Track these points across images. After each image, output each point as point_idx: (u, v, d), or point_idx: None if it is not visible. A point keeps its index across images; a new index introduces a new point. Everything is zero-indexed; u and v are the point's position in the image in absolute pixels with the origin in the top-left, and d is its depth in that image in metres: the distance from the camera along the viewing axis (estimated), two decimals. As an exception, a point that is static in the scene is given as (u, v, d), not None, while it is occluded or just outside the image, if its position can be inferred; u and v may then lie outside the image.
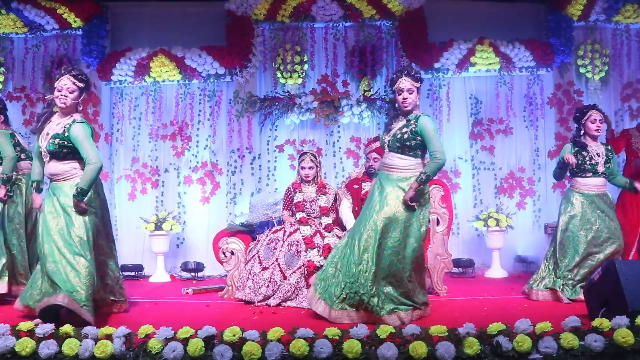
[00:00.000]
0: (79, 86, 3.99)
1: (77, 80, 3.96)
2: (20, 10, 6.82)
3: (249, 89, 6.96)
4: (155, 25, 7.21)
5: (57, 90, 3.95)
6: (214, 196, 7.04)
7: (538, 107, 7.13)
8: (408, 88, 3.99)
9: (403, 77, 4.01)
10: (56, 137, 3.91)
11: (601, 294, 3.71)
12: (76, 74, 3.97)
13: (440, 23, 7.00)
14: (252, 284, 4.78)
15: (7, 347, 2.96)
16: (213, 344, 2.93)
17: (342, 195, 5.30)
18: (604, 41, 7.19)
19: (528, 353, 2.88)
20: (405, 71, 4.04)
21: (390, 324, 3.30)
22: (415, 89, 4.01)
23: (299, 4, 6.84)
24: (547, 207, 6.96)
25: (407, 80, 4.00)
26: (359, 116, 6.86)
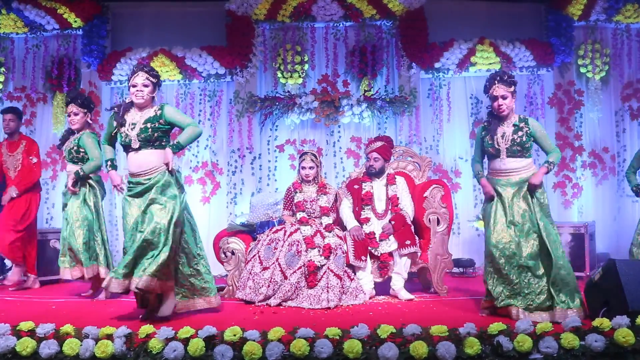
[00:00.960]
0: (152, 81, 4.13)
1: (150, 75, 4.11)
2: (21, 10, 6.84)
3: (249, 88, 6.97)
4: (156, 25, 7.22)
5: (132, 86, 4.10)
6: (215, 196, 7.05)
7: (538, 106, 7.13)
8: (502, 95, 4.05)
9: (496, 84, 4.07)
10: (148, 121, 4.03)
11: (601, 294, 3.71)
12: (149, 70, 4.13)
13: (440, 23, 7.02)
14: (252, 283, 4.78)
15: (8, 347, 2.96)
16: (214, 343, 2.93)
17: (342, 195, 5.29)
18: (605, 41, 7.19)
19: (529, 353, 2.88)
20: (498, 77, 4.08)
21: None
22: (509, 94, 4.06)
23: (300, 3, 6.85)
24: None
25: (500, 87, 4.05)
26: (359, 116, 6.86)
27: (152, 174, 4.04)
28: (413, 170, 5.67)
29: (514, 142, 4.05)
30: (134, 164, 4.07)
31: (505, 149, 4.07)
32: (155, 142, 4.06)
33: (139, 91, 4.07)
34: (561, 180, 6.98)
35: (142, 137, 4.01)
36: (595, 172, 7.12)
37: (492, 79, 4.11)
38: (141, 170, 4.04)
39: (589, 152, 7.11)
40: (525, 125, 4.08)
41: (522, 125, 4.08)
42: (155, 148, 4.07)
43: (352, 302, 4.69)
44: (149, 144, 4.04)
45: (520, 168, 4.08)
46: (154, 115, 4.05)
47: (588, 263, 5.90)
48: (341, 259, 4.79)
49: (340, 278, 4.70)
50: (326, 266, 4.72)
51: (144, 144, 4.04)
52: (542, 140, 4.13)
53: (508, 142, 4.06)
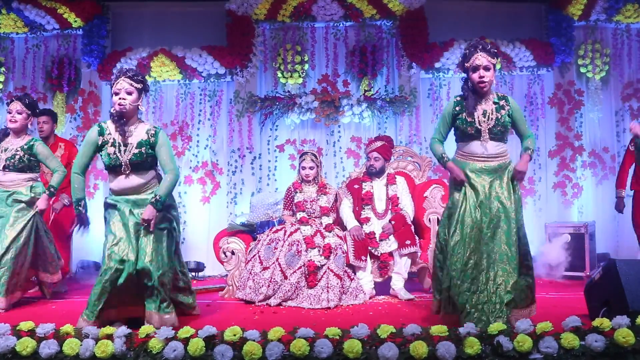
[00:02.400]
0: (137, 87, 3.83)
1: (133, 81, 3.81)
2: (21, 10, 6.83)
3: (249, 88, 6.97)
4: (156, 25, 7.22)
5: (114, 94, 3.80)
6: (215, 196, 7.05)
7: (539, 106, 7.14)
8: (485, 65, 3.60)
9: (478, 52, 3.60)
10: (141, 145, 3.78)
11: (602, 294, 3.71)
12: (132, 75, 3.82)
13: (440, 23, 7.01)
14: (252, 283, 4.78)
15: (8, 347, 2.96)
16: (214, 343, 2.93)
17: (342, 195, 5.29)
18: (605, 41, 7.19)
19: (529, 353, 2.88)
20: (480, 46, 3.62)
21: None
22: (492, 66, 3.61)
23: (300, 3, 6.85)
24: (548, 207, 6.97)
25: (483, 56, 3.59)
26: (359, 116, 6.86)
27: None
28: (413, 170, 5.67)
29: (498, 121, 3.63)
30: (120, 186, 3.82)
31: (487, 129, 3.64)
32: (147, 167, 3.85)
33: (122, 99, 3.77)
34: (561, 180, 6.98)
35: (135, 162, 3.77)
36: (596, 172, 7.12)
37: (474, 47, 3.63)
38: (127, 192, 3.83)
39: (589, 152, 7.11)
40: (506, 103, 3.69)
41: (503, 103, 3.69)
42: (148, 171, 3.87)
43: (352, 302, 4.70)
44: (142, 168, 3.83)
45: (501, 153, 3.69)
46: (146, 140, 3.80)
47: (588, 263, 5.90)
48: (341, 259, 4.79)
49: (340, 278, 4.70)
50: (326, 266, 4.73)
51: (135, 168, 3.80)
52: (521, 122, 3.75)
53: (491, 121, 3.64)
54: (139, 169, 3.80)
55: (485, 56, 3.59)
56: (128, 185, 3.80)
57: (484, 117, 3.64)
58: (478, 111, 3.65)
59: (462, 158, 3.75)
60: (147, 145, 3.79)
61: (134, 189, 3.81)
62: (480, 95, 3.68)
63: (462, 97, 3.76)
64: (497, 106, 3.68)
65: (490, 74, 3.61)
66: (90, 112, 6.93)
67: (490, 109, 3.66)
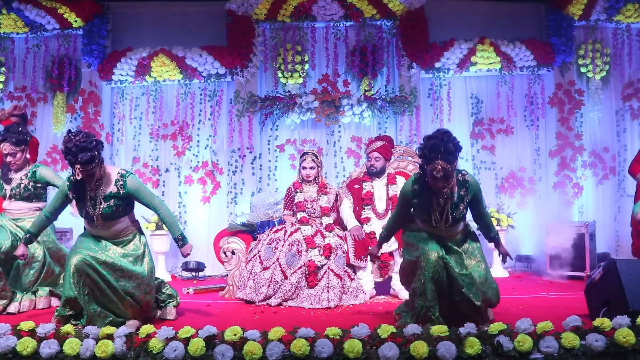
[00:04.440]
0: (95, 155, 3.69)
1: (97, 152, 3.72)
2: (21, 10, 6.83)
3: (249, 88, 6.97)
4: (156, 25, 7.21)
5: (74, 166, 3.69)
6: (215, 196, 7.04)
7: (539, 106, 7.14)
8: (444, 174, 3.40)
9: (439, 160, 3.37)
10: (110, 197, 3.80)
11: (602, 294, 3.71)
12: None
13: (441, 23, 7.01)
14: (253, 283, 4.78)
15: (9, 347, 2.96)
16: (214, 343, 2.93)
17: (343, 195, 5.29)
18: (605, 41, 7.19)
19: (529, 353, 2.88)
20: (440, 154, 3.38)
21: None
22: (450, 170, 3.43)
23: (300, 3, 6.85)
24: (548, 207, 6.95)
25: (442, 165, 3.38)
26: (359, 116, 6.86)
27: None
28: (414, 170, 5.66)
29: (456, 220, 3.60)
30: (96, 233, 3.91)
31: (444, 227, 3.59)
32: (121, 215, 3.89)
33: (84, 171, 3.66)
34: (561, 180, 6.97)
35: (107, 214, 3.82)
36: (596, 172, 7.12)
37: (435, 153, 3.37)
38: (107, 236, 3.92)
39: (589, 152, 7.11)
40: (466, 193, 3.60)
41: (463, 194, 3.59)
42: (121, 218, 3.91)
43: (352, 302, 4.70)
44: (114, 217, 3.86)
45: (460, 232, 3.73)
46: (116, 191, 3.80)
47: (588, 263, 5.89)
48: (341, 259, 4.79)
49: (340, 278, 4.71)
50: (326, 266, 4.73)
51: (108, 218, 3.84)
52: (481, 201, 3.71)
53: (449, 222, 3.57)
54: (112, 219, 3.85)
55: (445, 165, 3.38)
56: (103, 234, 3.90)
57: (440, 217, 3.57)
58: (435, 207, 3.57)
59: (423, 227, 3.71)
60: (117, 196, 3.82)
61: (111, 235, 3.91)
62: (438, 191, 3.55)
63: (418, 184, 3.63)
64: (457, 200, 3.58)
65: (450, 181, 3.47)
66: (90, 112, 6.92)
67: (449, 205, 3.56)
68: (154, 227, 6.46)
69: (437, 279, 3.47)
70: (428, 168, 3.45)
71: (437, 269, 3.47)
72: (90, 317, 3.66)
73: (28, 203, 4.75)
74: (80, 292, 3.65)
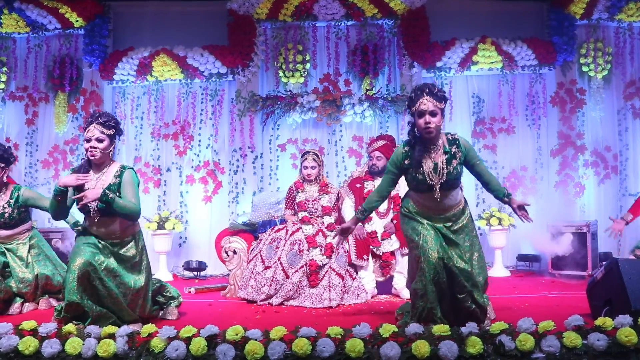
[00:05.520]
0: (109, 134, 3.78)
1: (105, 127, 3.76)
2: (23, 10, 6.84)
3: (251, 88, 6.97)
4: (157, 24, 7.21)
5: (85, 140, 3.77)
6: (216, 195, 7.05)
7: (540, 105, 7.13)
8: (431, 110, 3.39)
9: (424, 96, 3.39)
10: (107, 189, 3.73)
11: (604, 293, 3.71)
12: (104, 122, 3.76)
13: (442, 22, 7.01)
14: (254, 283, 4.78)
15: (11, 346, 2.96)
16: (216, 343, 2.92)
17: (344, 194, 5.29)
18: (607, 39, 7.18)
19: (531, 352, 2.87)
20: (427, 89, 3.41)
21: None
22: (439, 111, 3.41)
23: (301, 3, 6.85)
24: (550, 206, 6.94)
25: (428, 101, 3.38)
26: (361, 115, 6.86)
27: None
28: (415, 169, 5.65)
29: (450, 175, 3.46)
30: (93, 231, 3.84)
31: (439, 184, 3.47)
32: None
33: (93, 147, 3.73)
34: (563, 179, 6.96)
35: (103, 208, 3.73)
36: (598, 171, 7.11)
37: (420, 90, 3.42)
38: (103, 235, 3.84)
39: (591, 151, 7.10)
40: (457, 149, 3.51)
41: (455, 150, 3.50)
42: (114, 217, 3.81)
43: (354, 301, 4.70)
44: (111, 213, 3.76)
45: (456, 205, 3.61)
46: (113, 184, 3.77)
47: (590, 262, 5.89)
48: (343, 258, 4.79)
49: (342, 277, 4.70)
50: (328, 265, 4.73)
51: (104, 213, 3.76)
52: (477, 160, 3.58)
53: (443, 176, 3.46)
54: (109, 214, 3.76)
55: (432, 100, 3.37)
56: (100, 232, 3.82)
57: (435, 173, 3.46)
58: (427, 165, 3.47)
59: (417, 207, 3.60)
60: (114, 189, 3.76)
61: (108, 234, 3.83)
62: (428, 143, 3.50)
63: (409, 145, 3.55)
64: (449, 156, 3.48)
65: (437, 120, 3.39)
66: (92, 111, 6.93)
67: (441, 160, 3.46)
68: (155, 227, 6.46)
69: (437, 280, 3.44)
70: (415, 109, 3.42)
71: (438, 270, 3.42)
72: (95, 317, 3.63)
73: (14, 229, 4.66)
74: (82, 296, 3.61)
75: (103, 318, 3.66)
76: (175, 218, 6.62)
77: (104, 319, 3.65)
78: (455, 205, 3.60)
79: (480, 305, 3.50)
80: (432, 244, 3.46)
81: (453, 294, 3.50)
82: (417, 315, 3.50)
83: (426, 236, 3.50)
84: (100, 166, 3.83)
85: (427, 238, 3.50)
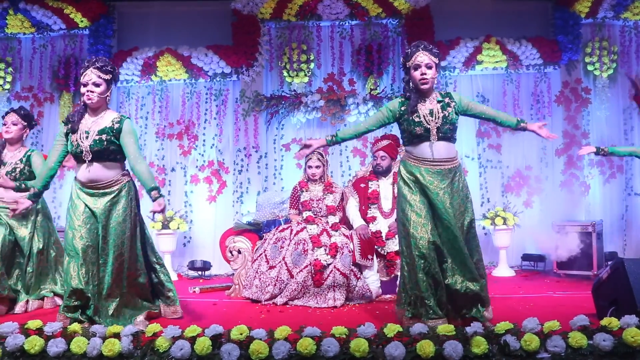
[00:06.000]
0: (105, 78, 3.77)
1: (101, 72, 3.74)
2: (28, 11, 6.87)
3: (255, 87, 6.98)
4: (162, 24, 7.23)
5: (82, 85, 3.75)
6: (221, 195, 7.06)
7: (545, 104, 7.11)
8: (426, 63, 3.54)
9: (420, 51, 3.54)
10: (103, 132, 3.71)
11: (610, 293, 3.69)
12: (100, 66, 3.74)
13: (446, 21, 7.00)
14: (259, 282, 4.79)
15: (16, 345, 2.97)
16: (220, 342, 2.93)
17: (348, 194, 5.29)
18: (612, 38, 7.16)
19: (536, 352, 2.86)
20: (422, 45, 3.57)
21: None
22: (434, 65, 3.57)
23: (305, 2, 6.85)
24: (555, 206, 6.92)
25: (424, 54, 3.54)
26: (365, 115, 6.85)
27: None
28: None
29: (446, 119, 3.54)
30: (84, 177, 3.77)
31: (436, 128, 3.54)
32: (110, 157, 3.76)
33: (90, 91, 3.72)
34: (568, 178, 6.94)
35: (95, 149, 3.69)
36: (603, 171, 7.08)
37: (415, 47, 3.58)
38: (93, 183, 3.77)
39: (596, 150, 7.07)
40: (450, 99, 3.62)
41: (448, 100, 3.62)
42: (110, 162, 3.78)
43: (358, 301, 4.70)
44: (103, 158, 3.74)
45: (451, 157, 3.61)
46: (110, 127, 3.74)
47: (596, 262, 5.88)
48: (347, 258, 4.78)
49: (346, 277, 4.70)
50: (332, 265, 4.72)
51: (96, 157, 3.72)
52: (476, 103, 3.71)
53: (439, 120, 3.54)
54: (101, 158, 3.72)
55: (427, 54, 3.54)
56: (92, 177, 3.74)
57: (431, 117, 3.54)
58: (424, 110, 3.56)
59: (413, 162, 3.62)
60: (110, 132, 3.71)
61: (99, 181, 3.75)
62: (423, 94, 3.61)
63: (405, 97, 3.65)
64: (443, 104, 3.59)
65: (432, 72, 3.55)
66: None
67: (436, 107, 3.57)
68: (160, 226, 6.47)
69: (428, 270, 3.50)
70: (412, 63, 3.56)
71: (429, 260, 3.48)
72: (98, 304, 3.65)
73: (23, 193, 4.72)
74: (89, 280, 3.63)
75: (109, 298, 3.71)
76: (180, 218, 6.63)
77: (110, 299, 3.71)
78: (450, 159, 3.60)
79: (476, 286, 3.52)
80: (423, 233, 3.50)
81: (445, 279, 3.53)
82: (412, 303, 3.57)
83: (416, 223, 3.53)
84: (96, 111, 3.81)
85: (417, 225, 3.53)
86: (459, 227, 3.55)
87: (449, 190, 3.58)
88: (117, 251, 3.74)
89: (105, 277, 3.71)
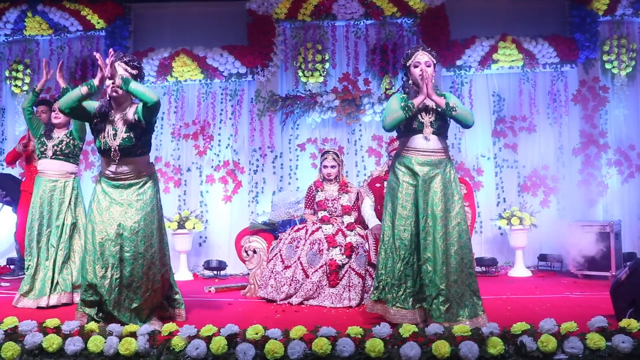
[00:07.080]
0: (132, 74, 3.75)
1: (129, 66, 3.73)
2: (46, 13, 6.97)
3: (270, 87, 6.99)
4: (177, 25, 7.28)
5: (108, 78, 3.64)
6: (236, 195, 7.08)
7: (562, 104, 7.04)
8: (426, 61, 3.76)
9: (419, 51, 3.81)
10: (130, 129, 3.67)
11: (629, 294, 3.65)
12: (127, 60, 3.73)
13: (462, 20, 6.96)
14: (274, 282, 4.80)
15: (35, 344, 3.00)
16: (236, 342, 2.94)
17: (364, 193, 5.28)
18: (631, 36, 7.07)
19: (553, 353, 2.84)
20: (422, 47, 3.84)
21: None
22: (432, 64, 3.79)
23: (320, 2, 6.86)
24: (572, 205, 6.86)
25: (424, 54, 3.79)
26: (380, 114, 6.84)
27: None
28: (435, 169, 5.62)
29: (439, 114, 3.74)
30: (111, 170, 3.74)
31: (429, 122, 3.74)
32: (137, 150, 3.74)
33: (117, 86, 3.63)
34: (585, 178, 6.87)
35: (124, 147, 3.67)
36: (621, 170, 7.00)
37: (415, 48, 3.85)
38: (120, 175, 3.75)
39: (614, 150, 6.99)
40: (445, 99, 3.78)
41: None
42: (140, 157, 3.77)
43: (373, 301, 4.68)
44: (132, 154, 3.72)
45: (442, 149, 3.78)
46: (134, 122, 3.68)
47: (614, 262, 5.81)
48: (363, 258, 4.78)
49: (362, 277, 4.70)
50: (348, 265, 4.72)
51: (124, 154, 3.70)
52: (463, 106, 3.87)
53: (432, 115, 3.75)
54: (129, 155, 3.70)
55: (426, 54, 3.79)
56: (119, 170, 3.71)
57: (425, 112, 3.74)
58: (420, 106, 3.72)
59: (406, 152, 3.80)
60: (135, 126, 3.68)
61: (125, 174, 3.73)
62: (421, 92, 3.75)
63: (405, 93, 3.86)
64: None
65: (431, 70, 3.76)
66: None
67: (431, 104, 3.74)
68: (175, 226, 6.51)
69: (408, 261, 3.68)
70: (411, 62, 3.81)
71: (409, 251, 3.68)
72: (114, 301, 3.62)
73: (65, 164, 4.96)
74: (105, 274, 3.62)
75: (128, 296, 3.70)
76: (196, 218, 6.67)
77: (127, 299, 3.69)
78: (439, 150, 3.76)
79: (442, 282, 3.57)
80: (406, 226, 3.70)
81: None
82: (377, 287, 3.77)
83: (401, 215, 3.71)
84: (122, 105, 3.75)
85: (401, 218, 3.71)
86: (443, 218, 3.65)
87: (438, 179, 3.71)
88: (146, 242, 3.71)
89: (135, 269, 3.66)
